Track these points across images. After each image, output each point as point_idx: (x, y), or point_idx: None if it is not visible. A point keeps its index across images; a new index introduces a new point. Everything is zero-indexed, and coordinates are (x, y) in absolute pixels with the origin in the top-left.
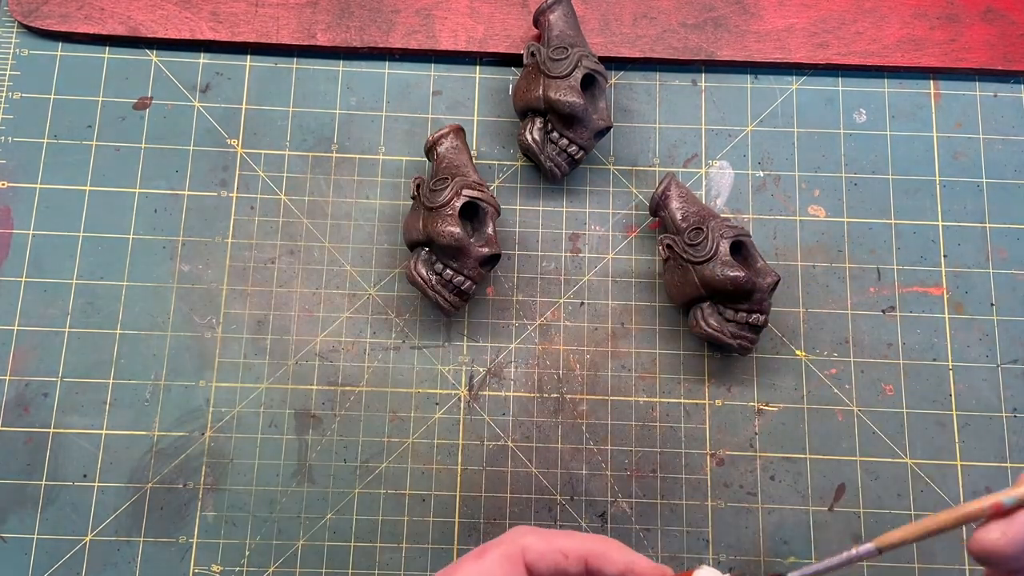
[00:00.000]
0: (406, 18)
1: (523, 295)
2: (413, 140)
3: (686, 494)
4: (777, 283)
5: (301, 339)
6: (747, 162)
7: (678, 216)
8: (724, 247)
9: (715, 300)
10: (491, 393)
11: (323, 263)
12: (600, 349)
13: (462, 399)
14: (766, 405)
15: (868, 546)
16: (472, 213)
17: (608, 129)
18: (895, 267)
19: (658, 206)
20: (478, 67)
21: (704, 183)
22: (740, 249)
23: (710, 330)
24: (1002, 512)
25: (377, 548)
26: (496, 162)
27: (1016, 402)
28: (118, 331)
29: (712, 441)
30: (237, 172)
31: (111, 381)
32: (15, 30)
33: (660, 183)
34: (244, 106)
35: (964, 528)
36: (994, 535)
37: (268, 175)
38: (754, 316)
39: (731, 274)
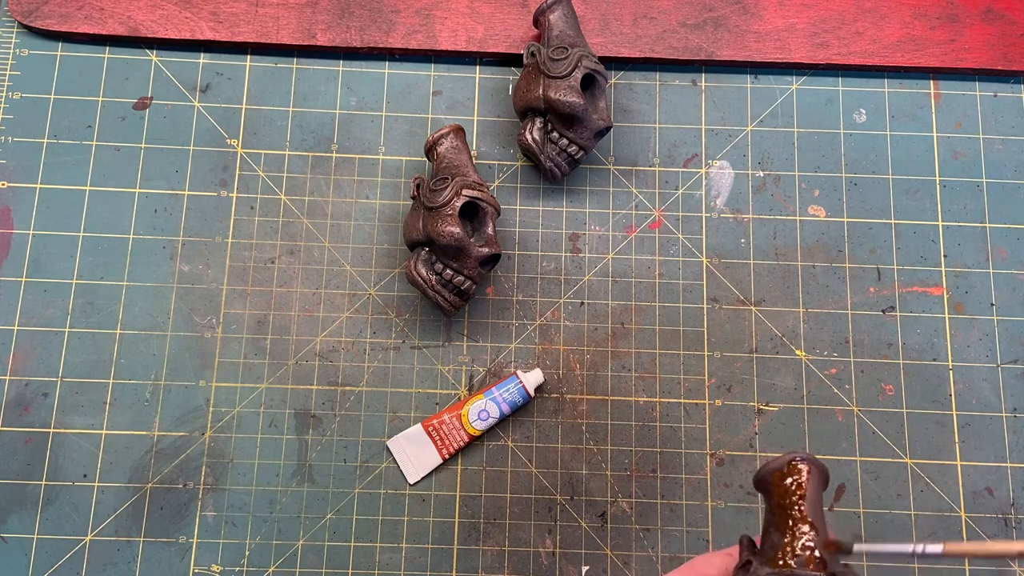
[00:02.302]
0: (406, 18)
1: (523, 295)
2: (413, 140)
3: (686, 494)
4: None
5: (301, 339)
6: (747, 162)
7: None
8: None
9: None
10: None
11: (323, 263)
12: (600, 349)
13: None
14: (766, 405)
15: (936, 548)
16: (472, 213)
17: (608, 129)
18: (895, 267)
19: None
20: (478, 67)
21: (704, 183)
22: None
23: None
24: None
25: (377, 548)
26: (496, 162)
27: (1016, 402)
28: (118, 331)
29: (712, 441)
30: (237, 172)
31: (111, 381)
32: (15, 30)
33: None
34: (244, 106)
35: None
36: None
37: (268, 175)
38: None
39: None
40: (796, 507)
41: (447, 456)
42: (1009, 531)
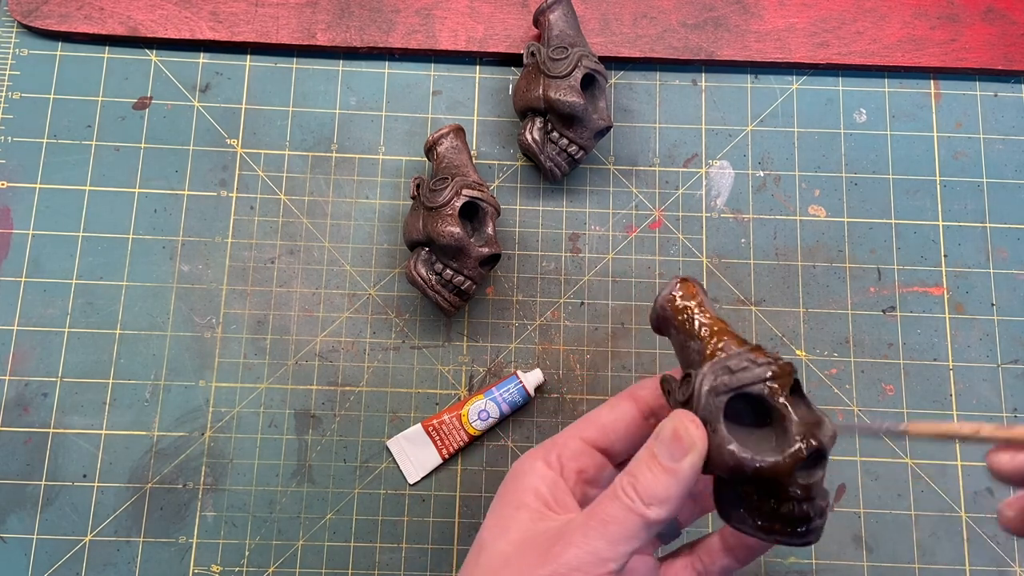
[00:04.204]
0: (406, 18)
1: (523, 295)
2: (413, 140)
3: None
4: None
5: (301, 339)
6: (747, 162)
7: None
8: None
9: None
10: None
11: (323, 263)
12: (600, 349)
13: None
14: None
15: (899, 427)
16: (472, 213)
17: (608, 129)
18: (895, 267)
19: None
20: (478, 67)
21: (704, 183)
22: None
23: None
24: (1017, 444)
25: (377, 548)
26: (496, 162)
27: (1016, 402)
28: (118, 331)
29: None
30: (237, 172)
31: (111, 381)
32: (15, 30)
33: None
34: (244, 106)
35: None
36: (1005, 459)
37: (268, 175)
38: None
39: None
40: (701, 313)
41: (447, 456)
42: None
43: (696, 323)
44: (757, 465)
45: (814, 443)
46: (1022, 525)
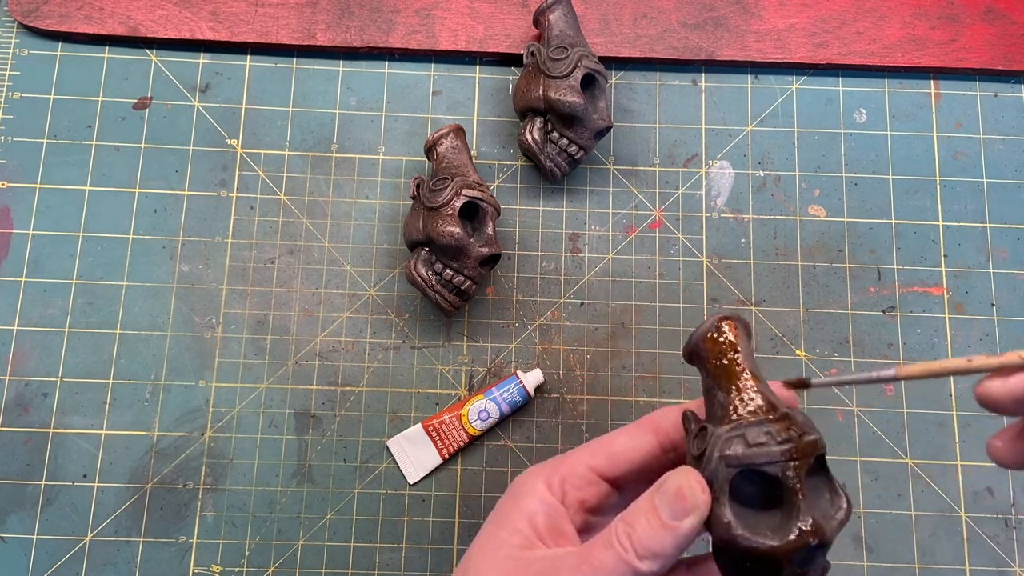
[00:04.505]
0: (406, 18)
1: (523, 295)
2: (413, 140)
3: None
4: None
5: (301, 339)
6: (747, 162)
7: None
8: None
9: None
10: None
11: (323, 263)
12: (600, 349)
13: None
14: None
15: (889, 372)
16: (472, 213)
17: (608, 129)
18: (895, 267)
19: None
20: (478, 67)
21: (704, 183)
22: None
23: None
24: (1009, 370)
25: (377, 548)
26: (496, 162)
27: None
28: (118, 331)
29: None
30: (237, 172)
31: (111, 381)
32: (15, 30)
33: None
34: (244, 106)
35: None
36: (996, 384)
37: (268, 175)
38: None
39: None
40: (734, 363)
41: (447, 456)
42: (1009, 531)
43: (728, 372)
44: (752, 546)
45: (817, 537)
46: (1011, 455)
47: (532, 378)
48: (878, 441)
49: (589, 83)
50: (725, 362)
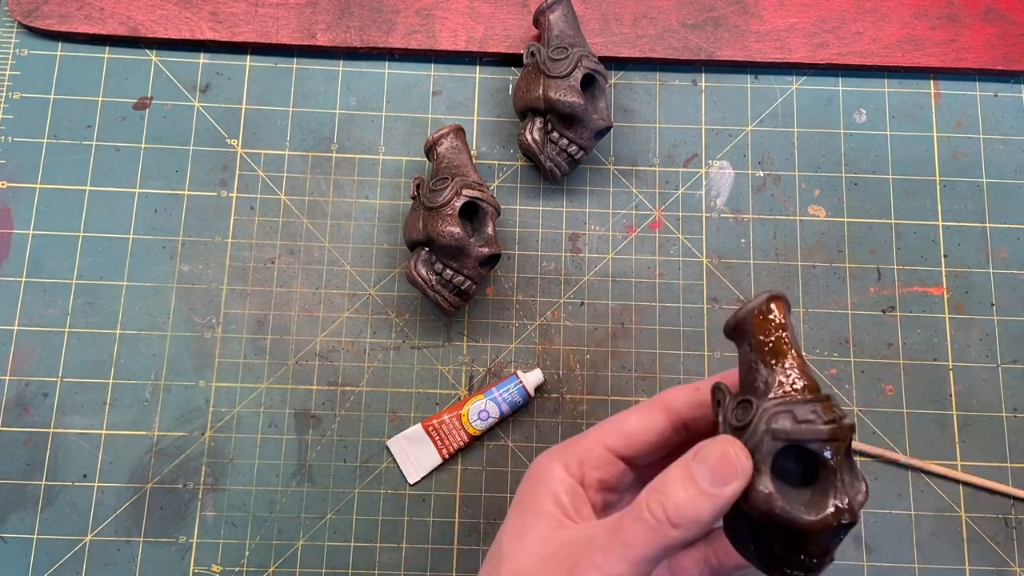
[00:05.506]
0: (406, 18)
1: (523, 295)
2: (413, 140)
3: None
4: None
5: (301, 339)
6: (747, 162)
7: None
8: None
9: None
10: None
11: (323, 263)
12: (600, 349)
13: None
14: None
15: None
16: (472, 213)
17: (608, 129)
18: (895, 267)
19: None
20: (478, 67)
21: (704, 183)
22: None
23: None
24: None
25: (377, 548)
26: (496, 162)
27: (1016, 402)
28: (118, 331)
29: None
30: (237, 172)
31: (111, 381)
32: (15, 30)
33: None
34: (244, 106)
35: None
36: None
37: (268, 175)
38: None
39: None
40: (782, 341)
41: (447, 456)
42: (1009, 531)
43: (776, 350)
44: (791, 519)
45: (850, 515)
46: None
47: (532, 378)
48: (878, 441)
49: (589, 83)
50: (773, 339)
